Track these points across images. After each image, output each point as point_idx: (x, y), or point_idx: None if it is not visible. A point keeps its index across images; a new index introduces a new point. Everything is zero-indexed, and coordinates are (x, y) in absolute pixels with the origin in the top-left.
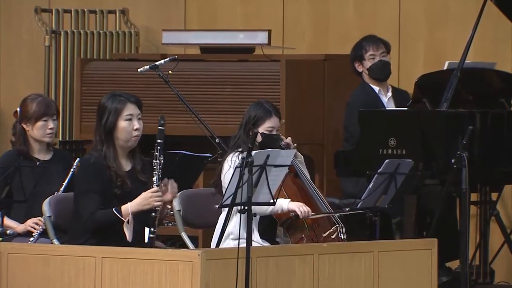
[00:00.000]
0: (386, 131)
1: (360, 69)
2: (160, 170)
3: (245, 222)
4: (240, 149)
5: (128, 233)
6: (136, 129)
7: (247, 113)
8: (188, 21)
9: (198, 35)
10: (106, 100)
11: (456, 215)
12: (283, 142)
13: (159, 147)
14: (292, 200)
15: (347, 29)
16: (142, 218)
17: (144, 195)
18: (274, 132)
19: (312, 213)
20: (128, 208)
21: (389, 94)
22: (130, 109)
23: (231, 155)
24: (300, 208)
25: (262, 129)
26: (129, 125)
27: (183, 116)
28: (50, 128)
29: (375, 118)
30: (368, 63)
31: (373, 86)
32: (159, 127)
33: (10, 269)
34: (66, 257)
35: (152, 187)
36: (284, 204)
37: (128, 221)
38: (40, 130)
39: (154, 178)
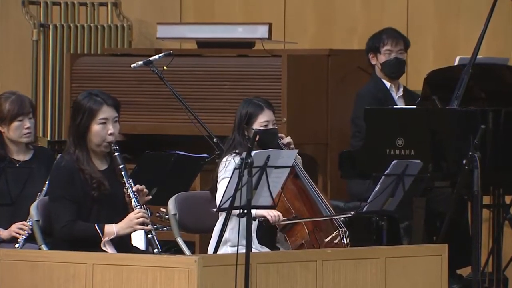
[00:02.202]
0: (393, 130)
1: (373, 62)
2: (134, 193)
3: (243, 228)
4: (236, 151)
5: (110, 251)
6: (111, 134)
7: (238, 112)
8: (184, 14)
9: (195, 29)
10: (82, 98)
11: (468, 219)
12: (282, 141)
13: (123, 172)
14: (292, 203)
15: (352, 22)
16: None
17: (128, 217)
18: (270, 126)
19: (284, 218)
20: (113, 229)
21: (400, 92)
22: (106, 112)
23: (226, 157)
24: (270, 213)
25: (257, 125)
26: (102, 129)
27: (178, 115)
28: (27, 128)
29: (382, 117)
30: (383, 58)
31: (385, 81)
32: (115, 154)
33: None
34: (55, 263)
35: (133, 208)
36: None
37: (104, 244)
38: (16, 131)
39: (133, 201)
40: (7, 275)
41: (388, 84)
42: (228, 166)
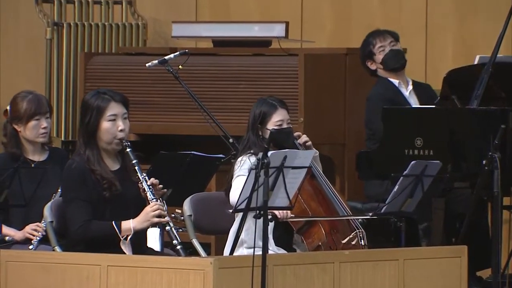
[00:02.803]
0: (412, 130)
1: (373, 67)
2: (149, 187)
3: (259, 229)
4: (251, 151)
5: (127, 251)
6: (121, 130)
7: (251, 112)
8: (199, 12)
9: (210, 28)
10: (89, 97)
11: (488, 220)
12: (298, 141)
13: (136, 167)
14: (308, 203)
15: (370, 20)
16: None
17: (144, 211)
18: (284, 125)
19: (292, 215)
20: (130, 225)
21: (410, 87)
22: (114, 108)
23: (241, 157)
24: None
25: (271, 124)
26: (112, 126)
27: (194, 114)
28: (44, 128)
29: (400, 116)
30: (379, 57)
31: (392, 80)
32: (127, 150)
33: (9, 278)
34: (69, 265)
35: (149, 201)
36: None
37: (125, 239)
38: (33, 131)
39: (148, 195)
40: (18, 277)
41: (396, 81)
42: (243, 165)
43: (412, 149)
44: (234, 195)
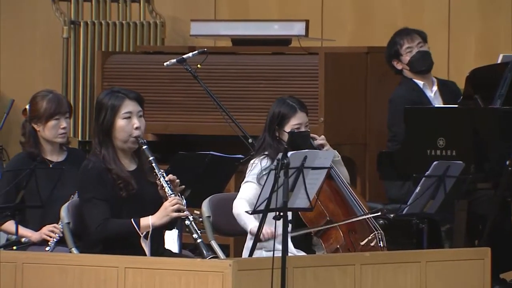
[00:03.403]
0: (434, 130)
1: (399, 67)
2: (167, 182)
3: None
4: (266, 153)
5: (146, 249)
6: (137, 128)
7: (270, 112)
8: (218, 11)
9: (229, 26)
10: (103, 96)
11: (511, 221)
12: (315, 142)
13: (154, 164)
14: (326, 205)
15: (392, 18)
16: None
17: (163, 206)
18: (302, 129)
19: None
20: (149, 221)
21: (435, 88)
22: (128, 106)
23: (254, 159)
24: (263, 231)
25: (289, 127)
26: (127, 123)
27: (212, 114)
28: (63, 128)
29: (422, 116)
30: (406, 58)
31: (417, 81)
32: (143, 148)
33: (25, 280)
34: (86, 267)
35: (167, 197)
36: (249, 224)
37: (145, 236)
38: (52, 130)
39: (166, 190)
40: (35, 279)
41: (420, 83)
42: (253, 169)
43: (434, 149)
44: (236, 205)
